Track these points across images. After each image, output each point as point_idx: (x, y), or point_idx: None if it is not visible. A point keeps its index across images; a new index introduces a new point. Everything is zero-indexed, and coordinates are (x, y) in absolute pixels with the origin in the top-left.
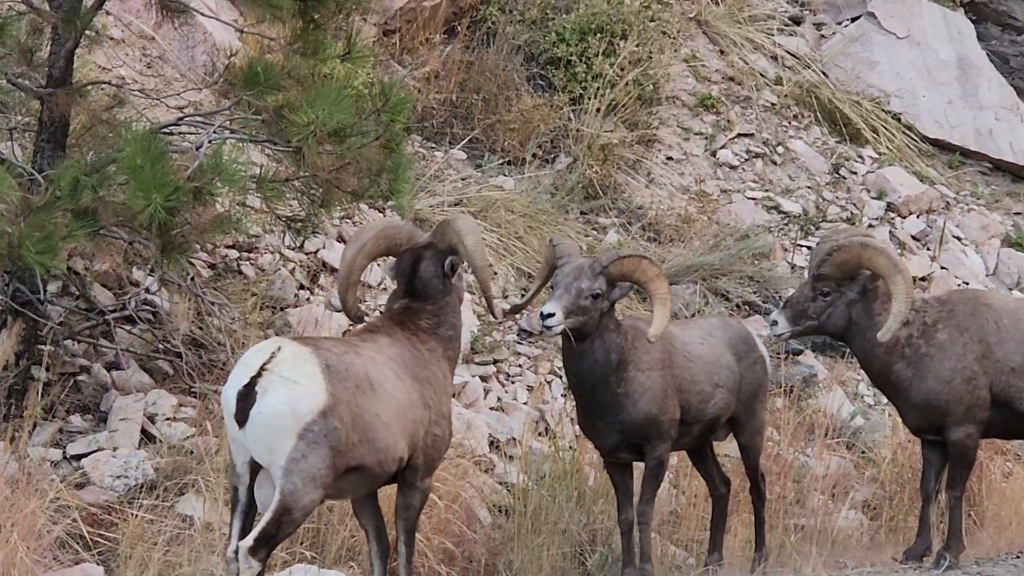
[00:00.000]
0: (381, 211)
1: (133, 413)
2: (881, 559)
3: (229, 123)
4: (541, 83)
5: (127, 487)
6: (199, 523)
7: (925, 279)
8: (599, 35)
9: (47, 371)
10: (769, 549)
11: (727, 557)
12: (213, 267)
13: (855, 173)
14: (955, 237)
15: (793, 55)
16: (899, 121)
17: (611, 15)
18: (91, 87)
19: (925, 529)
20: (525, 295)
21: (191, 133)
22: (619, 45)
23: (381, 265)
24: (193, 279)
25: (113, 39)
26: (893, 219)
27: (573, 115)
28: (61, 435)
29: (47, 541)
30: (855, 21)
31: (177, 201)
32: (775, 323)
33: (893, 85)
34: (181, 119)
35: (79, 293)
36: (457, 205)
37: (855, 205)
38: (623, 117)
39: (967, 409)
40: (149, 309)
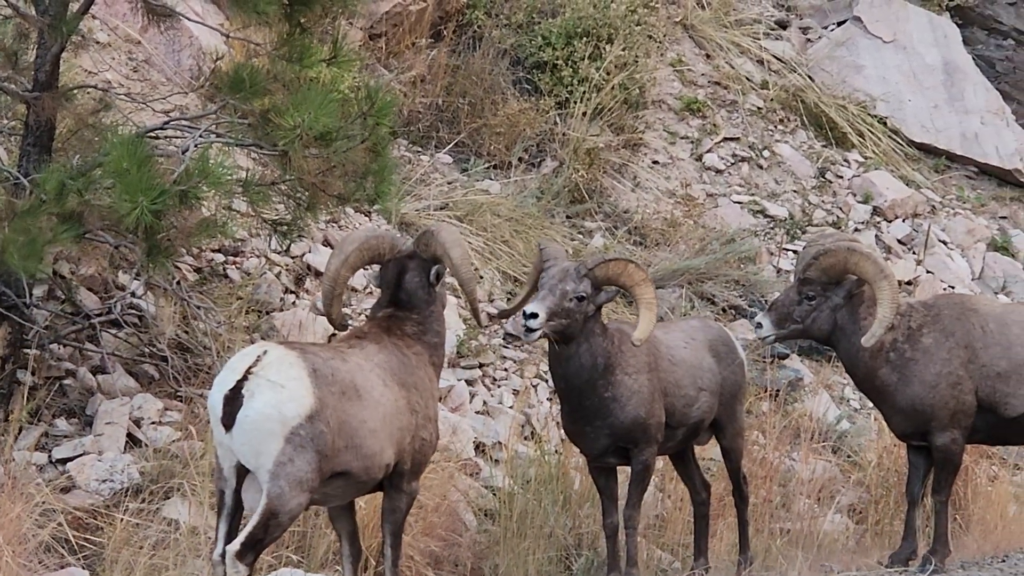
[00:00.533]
0: (367, 215)
1: (119, 417)
2: (867, 563)
3: (215, 127)
4: (527, 87)
5: (113, 491)
6: (184, 527)
7: (911, 283)
8: (585, 39)
9: (32, 375)
10: (755, 553)
11: (713, 561)
12: (199, 271)
13: (841, 177)
14: (941, 241)
15: (779, 59)
16: (885, 125)
17: (597, 19)
18: (77, 91)
19: (911, 533)
20: (511, 299)
21: (177, 137)
22: (605, 49)
23: (365, 273)
24: (179, 283)
25: (99, 43)
26: (879, 223)
27: (559, 119)
28: (47, 439)
29: (32, 545)
30: (841, 25)
31: (163, 205)
32: (760, 326)
33: (879, 89)
34: (167, 123)
35: (65, 297)
36: (443, 209)
37: (841, 209)
38: (609, 121)
39: (952, 414)
40: (135, 313)
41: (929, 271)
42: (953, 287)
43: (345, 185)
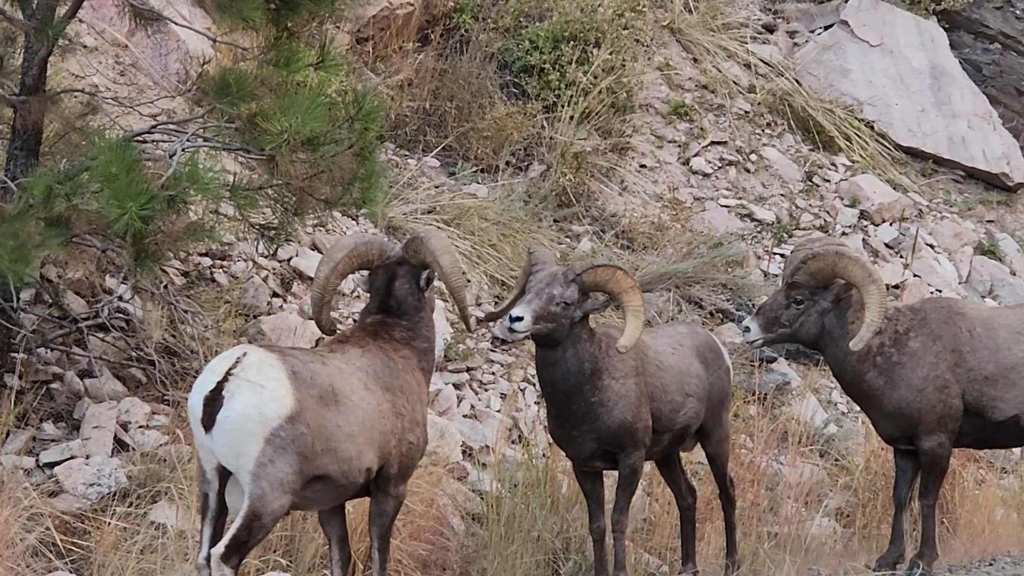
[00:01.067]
0: (354, 219)
1: (106, 421)
2: (854, 567)
3: (202, 131)
4: (514, 91)
5: (100, 495)
6: (172, 531)
7: (898, 287)
8: (572, 43)
9: (20, 379)
10: (742, 557)
11: (701, 565)
12: (186, 275)
13: (828, 181)
14: (928, 245)
15: (766, 63)
16: (872, 129)
17: (584, 23)
18: (64, 95)
19: (898, 536)
20: (498, 303)
21: (164, 141)
22: (592, 53)
23: (353, 277)
24: (166, 287)
25: (86, 47)
26: (866, 227)
27: (546, 123)
28: (34, 443)
29: (20, 549)
30: (828, 29)
31: (150, 209)
32: (747, 330)
33: (866, 93)
34: (154, 127)
35: (52, 301)
36: (430, 213)
37: (828, 213)
38: (596, 125)
39: (939, 418)
40: (122, 317)
41: (916, 275)
42: (940, 291)
43: (332, 189)
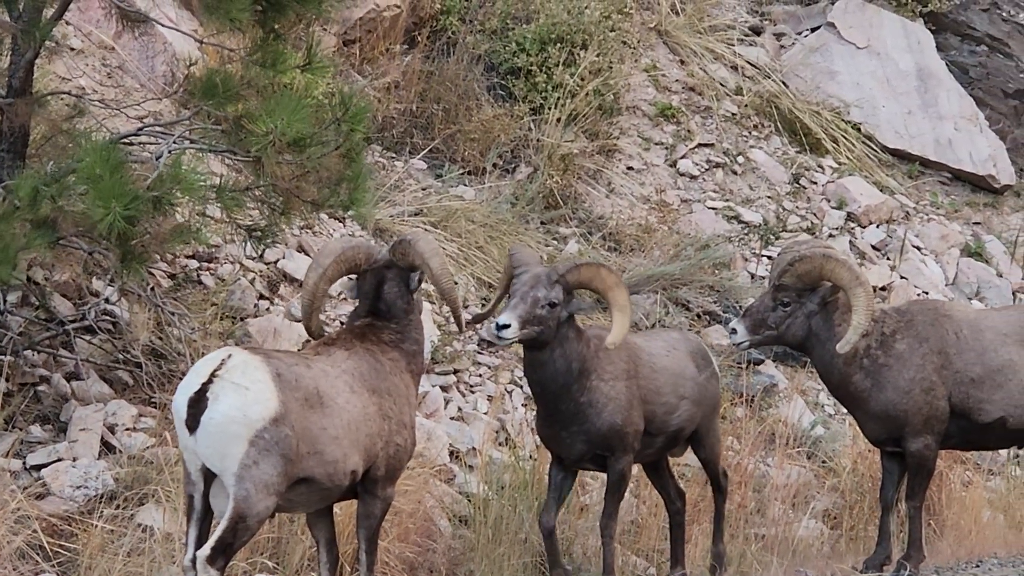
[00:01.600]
0: (341, 221)
1: (93, 423)
2: (841, 568)
3: (189, 133)
4: (501, 93)
5: (87, 497)
6: (159, 533)
7: (885, 289)
8: (559, 45)
9: (7, 381)
10: (729, 559)
11: (688, 568)
12: (173, 277)
13: (815, 183)
14: (915, 247)
15: (753, 65)
16: (859, 131)
17: (571, 25)
18: (51, 97)
19: (885, 538)
20: (485, 305)
21: (151, 143)
22: (579, 55)
23: (341, 284)
24: (153, 289)
25: (73, 49)
26: (853, 229)
27: (533, 125)
28: (21, 445)
29: (7, 552)
30: (815, 31)
31: (137, 211)
32: (734, 332)
33: (853, 95)
34: (141, 129)
35: (39, 303)
36: (417, 215)
37: (815, 215)
38: (583, 127)
39: (925, 420)
40: (109, 319)
41: (903, 277)
42: (927, 293)
43: (319, 191)
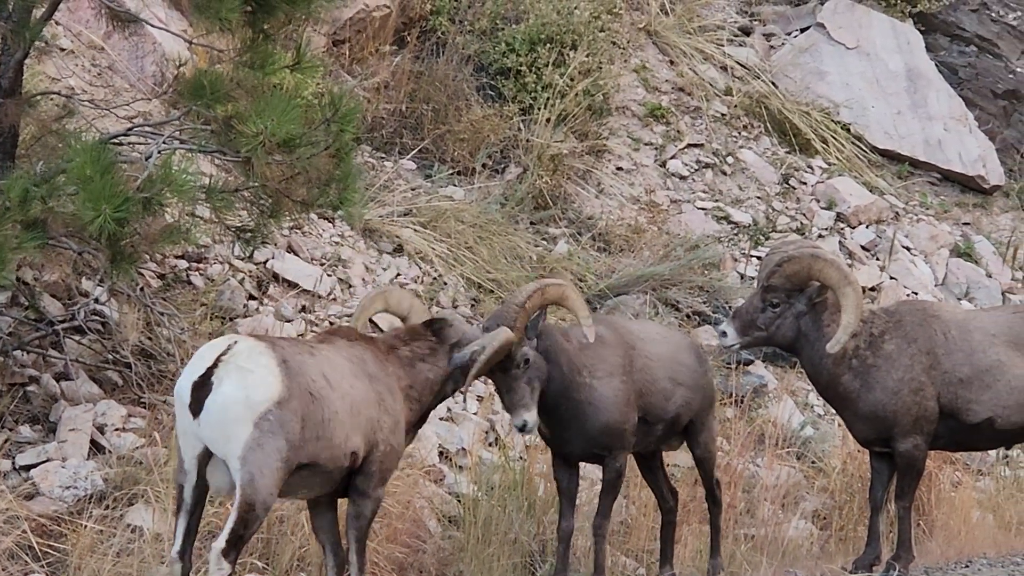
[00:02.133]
0: (331, 221)
1: (82, 423)
2: (831, 569)
3: (178, 133)
4: (491, 93)
5: (76, 498)
6: (148, 534)
7: (874, 289)
8: (549, 45)
9: None
10: (721, 559)
11: (678, 568)
12: (162, 277)
13: (805, 183)
14: (904, 247)
15: (743, 65)
16: (848, 131)
17: (561, 25)
18: (41, 97)
19: (874, 538)
20: (475, 306)
21: (140, 143)
22: (569, 55)
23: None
24: (142, 289)
25: (63, 49)
26: (842, 229)
27: (523, 125)
28: (10, 446)
29: None
30: (804, 32)
31: (126, 211)
32: (724, 334)
33: (842, 95)
34: (130, 129)
35: (28, 304)
36: (407, 215)
37: (805, 215)
38: (573, 127)
39: (914, 420)
40: (98, 319)
41: (892, 277)
42: (916, 293)
43: (309, 191)
